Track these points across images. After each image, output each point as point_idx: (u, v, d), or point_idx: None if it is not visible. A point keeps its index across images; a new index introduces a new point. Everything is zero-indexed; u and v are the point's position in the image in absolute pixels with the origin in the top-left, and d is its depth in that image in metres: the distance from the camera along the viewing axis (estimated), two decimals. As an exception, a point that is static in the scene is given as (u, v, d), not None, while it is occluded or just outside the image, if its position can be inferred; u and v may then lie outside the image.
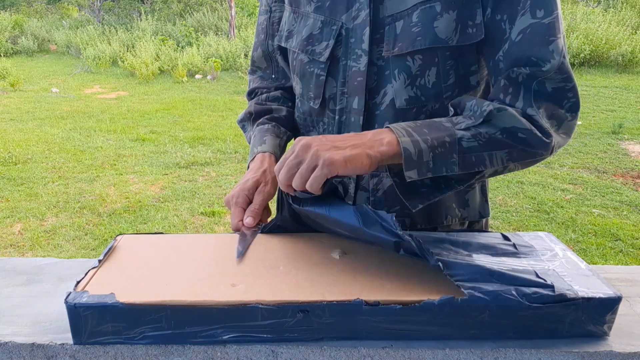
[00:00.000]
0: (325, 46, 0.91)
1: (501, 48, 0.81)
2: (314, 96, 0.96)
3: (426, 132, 0.75)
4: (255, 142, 1.01)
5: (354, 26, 0.89)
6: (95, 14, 16.13)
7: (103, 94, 8.30)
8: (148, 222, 3.70)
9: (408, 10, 0.85)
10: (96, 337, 0.65)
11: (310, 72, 0.95)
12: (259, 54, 1.10)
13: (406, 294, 0.66)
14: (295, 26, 0.97)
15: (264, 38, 1.08)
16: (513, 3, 0.80)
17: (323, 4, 0.92)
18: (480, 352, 0.65)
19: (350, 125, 0.93)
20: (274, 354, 0.66)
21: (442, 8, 0.82)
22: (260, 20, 1.08)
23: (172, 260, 0.75)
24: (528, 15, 0.79)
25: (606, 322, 0.66)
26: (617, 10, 10.88)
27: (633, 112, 6.27)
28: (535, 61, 0.78)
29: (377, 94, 0.91)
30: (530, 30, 0.79)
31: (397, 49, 0.86)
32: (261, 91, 1.11)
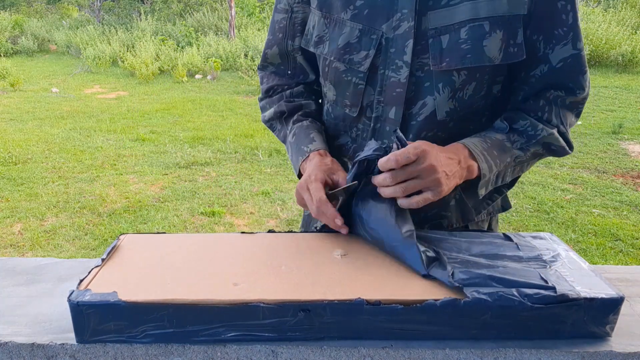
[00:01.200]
0: (365, 56, 0.90)
1: (536, 66, 0.90)
2: (351, 104, 0.96)
3: (496, 154, 0.88)
4: (301, 140, 0.98)
5: (394, 36, 0.87)
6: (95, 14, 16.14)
7: (103, 94, 8.30)
8: (148, 222, 3.70)
9: (455, 25, 0.85)
10: (99, 335, 0.65)
11: (347, 81, 0.94)
12: (274, 52, 1.07)
13: (407, 293, 0.66)
14: (328, 32, 0.94)
15: (282, 37, 1.04)
16: (551, 28, 0.87)
17: (360, 12, 0.89)
18: (480, 352, 0.65)
19: (384, 133, 0.94)
20: (274, 353, 0.66)
21: (491, 27, 0.84)
22: (278, 18, 1.04)
23: (174, 259, 0.75)
24: (570, 45, 0.88)
25: (608, 323, 0.66)
26: (617, 10, 10.88)
27: (633, 112, 6.27)
28: (571, 87, 0.91)
29: (413, 104, 0.91)
30: (571, 61, 0.89)
31: (445, 64, 0.86)
32: (282, 88, 1.08)
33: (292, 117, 1.05)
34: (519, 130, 0.91)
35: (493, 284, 0.66)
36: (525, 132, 0.91)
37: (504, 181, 0.92)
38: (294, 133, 1.01)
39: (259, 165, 4.86)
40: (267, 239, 0.83)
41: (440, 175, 0.78)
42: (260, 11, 13.22)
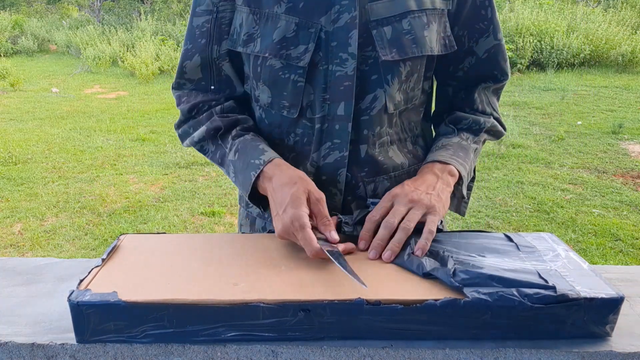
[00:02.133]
0: (304, 50, 0.85)
1: (464, 60, 0.97)
2: (290, 105, 0.90)
3: (462, 155, 0.94)
4: (251, 154, 0.88)
5: (334, 29, 0.85)
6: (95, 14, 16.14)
7: (103, 94, 8.30)
8: (148, 222, 3.70)
9: (396, 17, 0.86)
10: (99, 335, 0.65)
11: (284, 79, 0.88)
12: (195, 63, 0.94)
13: (407, 293, 0.66)
14: (258, 29, 0.88)
15: (205, 43, 0.93)
16: (473, 23, 0.94)
17: (295, 5, 0.85)
18: (480, 352, 0.65)
19: (334, 133, 0.89)
20: (274, 353, 0.66)
21: (428, 19, 0.88)
22: (199, 23, 0.92)
23: (174, 259, 0.75)
24: (492, 37, 0.96)
25: (608, 323, 0.66)
26: (617, 10, 10.88)
27: (633, 112, 6.27)
28: (496, 75, 1.00)
29: (362, 99, 0.89)
30: (494, 51, 0.97)
31: (394, 54, 0.86)
32: (209, 105, 0.95)
33: (230, 133, 0.93)
34: (464, 128, 0.98)
35: (493, 284, 0.66)
36: (471, 129, 0.98)
37: (471, 176, 0.98)
38: (237, 149, 0.90)
39: (259, 165, 4.85)
40: (267, 239, 0.83)
41: (423, 197, 0.82)
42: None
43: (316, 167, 0.93)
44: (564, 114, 6.17)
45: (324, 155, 0.92)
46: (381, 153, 0.94)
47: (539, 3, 10.31)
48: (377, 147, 0.93)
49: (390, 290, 0.67)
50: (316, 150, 0.92)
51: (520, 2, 10.50)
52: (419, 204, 0.81)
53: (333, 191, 0.94)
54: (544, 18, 9.49)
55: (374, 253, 0.76)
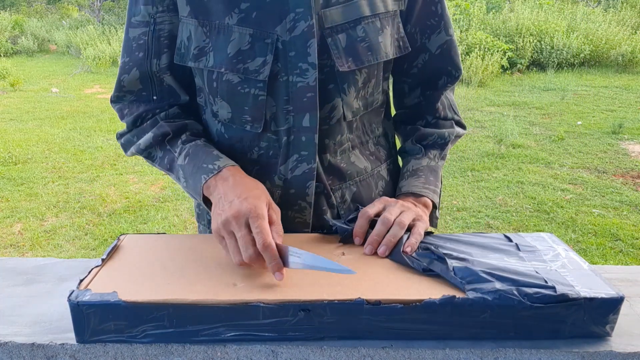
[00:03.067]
0: (262, 62, 0.81)
1: (417, 56, 0.97)
2: (252, 119, 0.86)
3: (432, 180, 0.96)
4: (204, 159, 0.84)
5: (291, 38, 0.81)
6: (95, 14, 16.14)
7: (103, 94, 8.30)
8: (148, 222, 3.70)
9: (349, 23, 0.83)
10: (99, 335, 0.65)
11: (244, 94, 0.84)
12: (133, 77, 0.89)
13: (407, 293, 0.66)
14: (210, 42, 0.83)
15: (143, 57, 0.88)
16: (424, 19, 0.93)
17: (248, 15, 0.80)
18: (480, 352, 0.65)
19: (301, 145, 0.87)
20: (274, 353, 0.66)
21: (381, 24, 0.87)
22: (135, 35, 0.87)
23: (174, 259, 0.75)
24: (443, 33, 0.95)
25: (608, 323, 0.66)
26: (617, 10, 10.88)
27: (633, 112, 6.27)
28: (450, 70, 0.99)
29: (321, 108, 0.86)
30: (447, 46, 0.96)
31: (350, 63, 0.84)
32: (152, 113, 0.91)
33: (180, 138, 0.89)
34: (431, 145, 1.00)
35: (493, 283, 0.66)
36: (437, 144, 1.00)
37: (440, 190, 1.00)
38: (187, 154, 0.86)
39: (259, 165, 4.85)
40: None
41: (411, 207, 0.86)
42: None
43: (284, 180, 0.90)
44: (564, 114, 6.18)
45: (292, 167, 0.89)
46: (343, 160, 0.93)
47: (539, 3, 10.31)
48: (338, 154, 0.92)
49: (390, 290, 0.67)
50: (283, 162, 0.89)
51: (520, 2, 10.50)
52: (410, 210, 0.85)
53: (302, 205, 0.91)
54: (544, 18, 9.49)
55: (370, 248, 0.78)
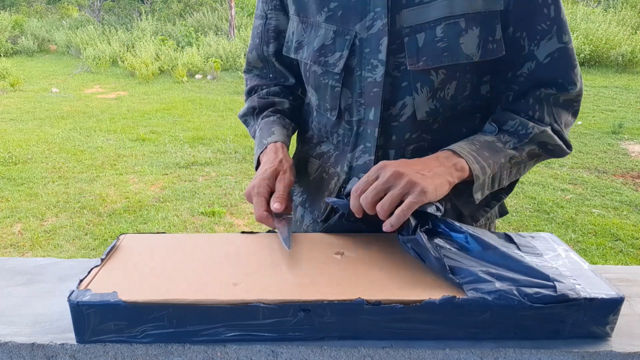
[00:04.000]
0: (339, 57, 0.89)
1: (523, 64, 0.88)
2: (330, 108, 0.95)
3: (487, 155, 0.84)
4: (264, 133, 1.00)
5: (368, 36, 0.86)
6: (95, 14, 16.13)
7: (103, 94, 8.30)
8: (148, 222, 3.70)
9: (430, 23, 0.83)
10: (99, 335, 0.65)
11: (324, 84, 0.93)
12: (254, 56, 1.09)
13: (407, 293, 0.66)
14: (305, 37, 0.94)
15: (259, 43, 1.06)
16: (534, 23, 0.85)
17: (335, 14, 0.88)
18: (480, 352, 0.65)
19: (366, 137, 0.92)
20: (274, 354, 0.66)
21: (467, 24, 0.83)
22: (256, 24, 1.06)
23: (174, 259, 0.75)
24: (555, 40, 0.85)
25: (608, 323, 0.66)
26: (617, 10, 10.87)
27: (633, 112, 6.27)
28: (562, 83, 0.87)
29: (393, 105, 0.89)
30: (558, 55, 0.86)
31: (422, 63, 0.84)
32: (261, 88, 1.10)
33: (262, 113, 1.05)
34: (510, 131, 0.88)
35: (493, 283, 0.66)
36: (516, 132, 0.87)
37: (501, 184, 0.88)
38: (260, 127, 1.02)
39: (259, 165, 4.85)
40: (267, 239, 0.83)
41: (411, 176, 0.75)
42: (260, 11, 13.20)
43: (349, 168, 0.96)
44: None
45: (357, 157, 0.95)
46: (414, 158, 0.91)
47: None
48: (408, 153, 0.92)
49: (390, 290, 0.67)
50: (351, 151, 0.96)
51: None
52: (403, 179, 0.75)
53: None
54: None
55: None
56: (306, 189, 1.06)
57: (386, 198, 0.75)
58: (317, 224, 1.02)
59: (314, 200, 1.03)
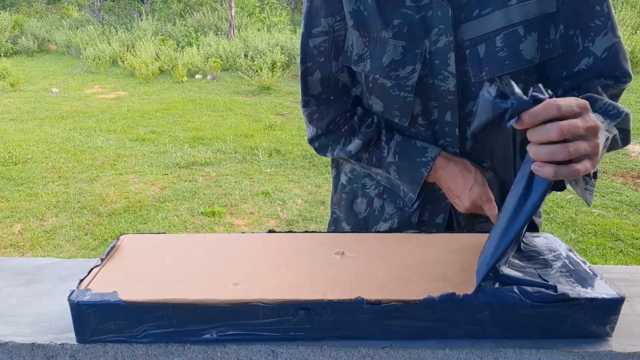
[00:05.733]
0: (412, 70, 0.92)
1: (579, 61, 0.90)
2: (401, 115, 0.98)
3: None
4: (413, 153, 0.97)
5: (436, 49, 0.90)
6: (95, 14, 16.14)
7: (103, 94, 8.30)
8: (148, 222, 3.70)
9: (489, 34, 0.87)
10: (99, 335, 0.65)
11: (395, 95, 0.95)
12: (316, 78, 1.02)
13: (407, 292, 0.66)
14: (367, 51, 0.95)
15: (324, 61, 1.00)
16: (587, 21, 0.88)
17: (400, 30, 0.91)
18: (480, 352, 0.65)
19: (444, 134, 0.98)
20: (274, 353, 0.66)
21: (525, 31, 0.86)
22: (316, 43, 0.99)
23: (174, 259, 0.75)
24: (611, 34, 0.89)
25: (609, 323, 0.66)
26: (617, 10, 10.87)
27: (633, 112, 6.27)
28: (618, 76, 0.91)
29: (465, 104, 0.94)
30: (615, 49, 0.90)
31: (485, 73, 0.89)
32: (343, 118, 1.04)
33: (381, 139, 1.02)
34: (601, 112, 0.81)
35: (494, 281, 0.66)
36: (607, 113, 0.82)
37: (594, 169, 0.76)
38: (395, 152, 0.99)
39: (259, 165, 4.86)
40: (267, 239, 0.83)
41: (600, 140, 0.64)
42: (260, 11, 13.23)
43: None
44: (564, 114, 6.17)
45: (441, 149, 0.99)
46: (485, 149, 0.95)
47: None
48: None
49: (390, 290, 0.67)
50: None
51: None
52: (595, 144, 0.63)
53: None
54: (544, 18, 9.48)
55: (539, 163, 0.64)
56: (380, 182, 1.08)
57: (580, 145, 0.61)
58: (403, 212, 1.05)
59: (393, 190, 1.06)
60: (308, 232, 0.86)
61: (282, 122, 6.41)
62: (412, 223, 1.05)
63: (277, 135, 5.80)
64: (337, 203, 1.18)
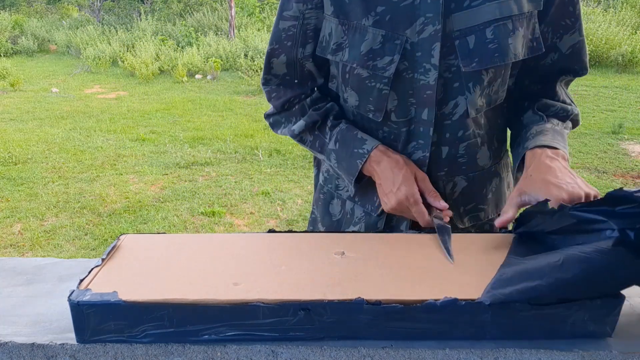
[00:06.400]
0: (390, 61, 0.90)
1: (546, 55, 0.96)
2: (375, 109, 0.96)
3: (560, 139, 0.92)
4: (352, 143, 0.98)
5: (419, 40, 0.88)
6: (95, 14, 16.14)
7: (103, 94, 8.30)
8: (148, 222, 3.70)
9: (480, 25, 0.87)
10: (99, 335, 0.65)
11: (370, 87, 0.94)
12: (281, 61, 1.02)
13: (407, 293, 0.66)
14: (346, 39, 0.93)
15: (291, 45, 0.99)
16: (559, 19, 0.94)
17: (382, 18, 0.89)
18: (480, 352, 0.65)
19: (418, 134, 0.96)
20: (274, 354, 0.66)
21: (514, 25, 0.88)
22: (285, 26, 0.98)
23: (174, 259, 0.75)
24: (577, 33, 0.95)
25: (609, 323, 0.66)
26: (617, 10, 10.87)
27: (633, 112, 6.27)
28: (577, 70, 1.00)
29: (445, 104, 0.93)
30: (578, 47, 0.97)
31: (475, 64, 0.89)
32: (299, 98, 1.05)
33: (326, 124, 1.02)
34: (553, 114, 0.98)
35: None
36: (558, 115, 0.98)
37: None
38: (336, 139, 1.00)
39: (259, 165, 4.86)
40: (268, 238, 0.83)
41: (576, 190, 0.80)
42: (260, 11, 13.22)
43: None
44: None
45: (410, 152, 0.98)
46: (467, 154, 0.98)
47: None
48: (461, 149, 0.98)
49: (390, 291, 0.67)
50: (403, 148, 0.98)
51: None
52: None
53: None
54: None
55: None
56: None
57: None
58: (370, 216, 1.04)
59: (365, 193, 1.04)
60: (308, 232, 0.86)
61: (282, 122, 6.41)
62: (377, 228, 1.03)
63: (277, 135, 5.79)
64: (316, 202, 1.18)
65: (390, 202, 0.92)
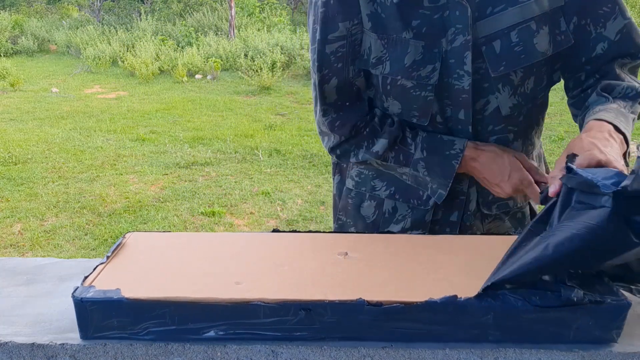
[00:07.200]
0: (432, 69, 0.94)
1: (595, 47, 0.95)
2: (420, 115, 0.99)
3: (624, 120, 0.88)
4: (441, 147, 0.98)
5: (451, 48, 0.92)
6: (95, 14, 16.14)
7: (103, 94, 8.30)
8: (148, 222, 3.70)
9: (504, 30, 0.91)
10: (102, 331, 0.66)
11: (415, 96, 0.97)
12: (332, 85, 0.99)
13: (408, 294, 0.66)
14: (387, 53, 0.95)
15: (342, 66, 0.98)
16: (595, 9, 0.93)
17: (419, 31, 0.93)
18: (480, 352, 0.65)
19: (457, 131, 1.00)
20: (274, 353, 0.66)
21: (537, 25, 0.91)
22: (334, 48, 0.97)
23: (178, 257, 0.76)
24: (620, 18, 0.94)
25: (614, 328, 0.65)
26: (617, 10, 10.86)
27: None
28: (634, 53, 0.97)
29: (476, 102, 0.97)
30: (626, 30, 0.95)
31: (503, 68, 0.92)
32: (363, 121, 1.02)
33: (407, 136, 1.02)
34: (620, 96, 0.93)
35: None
36: (627, 96, 0.93)
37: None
38: (422, 147, 1.00)
39: (259, 165, 4.86)
40: (270, 238, 0.83)
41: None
42: (260, 11, 13.22)
43: None
44: (564, 114, 6.18)
45: None
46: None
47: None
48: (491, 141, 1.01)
49: (391, 291, 0.67)
50: None
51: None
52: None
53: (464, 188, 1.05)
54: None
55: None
56: (391, 182, 1.07)
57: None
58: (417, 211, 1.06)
59: (405, 189, 1.06)
60: (312, 232, 0.86)
61: (282, 122, 6.41)
62: (425, 222, 1.05)
63: (277, 135, 5.80)
64: (343, 209, 1.16)
65: (506, 190, 0.94)
